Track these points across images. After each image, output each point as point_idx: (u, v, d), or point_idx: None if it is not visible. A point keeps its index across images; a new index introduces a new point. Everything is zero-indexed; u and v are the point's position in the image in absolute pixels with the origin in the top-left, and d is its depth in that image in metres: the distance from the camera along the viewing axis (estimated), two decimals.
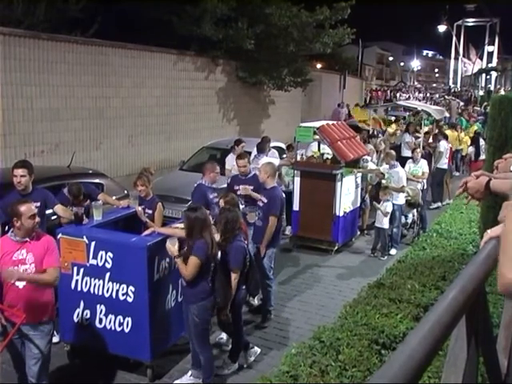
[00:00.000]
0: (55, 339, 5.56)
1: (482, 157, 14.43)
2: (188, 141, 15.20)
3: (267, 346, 6.19)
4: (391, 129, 17.65)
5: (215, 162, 8.13)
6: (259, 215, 6.95)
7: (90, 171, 9.15)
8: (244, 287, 5.66)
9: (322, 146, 10.44)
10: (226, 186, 8.17)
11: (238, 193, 7.47)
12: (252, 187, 7.37)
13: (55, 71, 11.50)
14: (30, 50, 10.93)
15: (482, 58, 56.58)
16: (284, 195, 7.36)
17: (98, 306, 5.40)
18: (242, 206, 7.42)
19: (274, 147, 11.14)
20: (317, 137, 10.00)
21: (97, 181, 8.37)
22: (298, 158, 10.00)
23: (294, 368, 3.85)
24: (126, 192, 8.28)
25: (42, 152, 11.24)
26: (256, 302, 7.09)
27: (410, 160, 10.99)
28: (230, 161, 9.66)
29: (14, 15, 12.20)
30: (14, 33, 10.69)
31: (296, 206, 9.61)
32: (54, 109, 11.49)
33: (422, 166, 10.77)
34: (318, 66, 28.45)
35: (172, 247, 5.02)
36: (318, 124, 10.13)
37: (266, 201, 6.85)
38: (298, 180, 9.56)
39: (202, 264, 4.94)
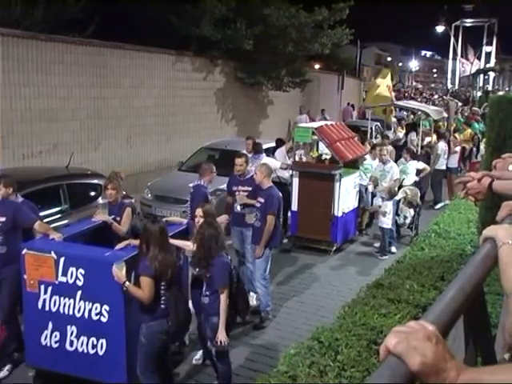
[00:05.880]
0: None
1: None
2: (186, 141, 15.20)
3: (265, 347, 6.19)
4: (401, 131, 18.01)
5: (212, 162, 8.16)
6: (257, 216, 6.95)
7: (89, 172, 9.16)
8: (233, 311, 5.23)
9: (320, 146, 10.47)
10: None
11: (236, 194, 7.46)
12: (250, 188, 7.37)
13: (53, 72, 11.49)
14: (29, 50, 10.93)
15: (480, 59, 56.58)
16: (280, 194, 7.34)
17: (69, 327, 5.00)
18: (239, 208, 7.43)
19: (269, 148, 11.14)
20: (315, 137, 10.01)
21: (95, 181, 8.38)
22: (297, 158, 10.01)
23: (293, 368, 3.84)
24: (124, 193, 8.28)
25: (41, 153, 11.23)
26: (255, 302, 7.09)
27: (402, 159, 11.23)
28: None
29: (12, 16, 12.20)
30: (13, 33, 10.69)
31: (294, 207, 9.62)
32: (52, 109, 11.48)
33: (412, 164, 11.12)
34: (317, 66, 28.43)
35: (119, 272, 4.61)
36: (316, 124, 10.15)
37: (263, 201, 6.86)
38: (296, 180, 9.56)
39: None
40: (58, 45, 11.64)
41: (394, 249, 9.73)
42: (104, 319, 4.88)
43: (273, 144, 11.57)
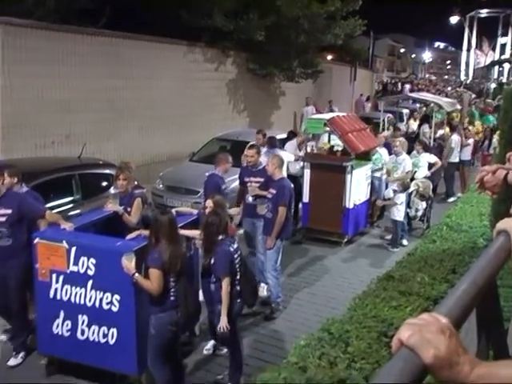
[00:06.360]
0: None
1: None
2: (198, 132, 15.19)
3: (276, 337, 6.21)
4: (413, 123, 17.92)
5: (227, 152, 8.19)
6: (269, 207, 6.95)
7: (101, 162, 9.19)
8: (239, 300, 5.23)
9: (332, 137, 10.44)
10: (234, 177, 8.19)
11: (248, 185, 7.47)
12: (262, 179, 7.37)
13: (66, 62, 11.52)
14: (42, 41, 10.96)
15: (494, 50, 56.01)
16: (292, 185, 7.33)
17: (80, 316, 5.05)
18: (251, 199, 7.43)
19: (280, 139, 11.11)
20: (327, 128, 9.98)
21: (107, 171, 8.41)
22: (309, 149, 10.00)
23: (303, 359, 3.85)
24: (136, 183, 8.29)
25: (53, 143, 11.29)
26: (265, 293, 7.10)
27: (414, 152, 11.10)
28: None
29: (25, 6, 12.22)
30: (25, 24, 10.72)
31: (306, 198, 9.60)
32: (64, 100, 11.52)
33: (424, 157, 11.01)
34: (329, 57, 28.28)
35: (129, 264, 4.62)
36: (328, 116, 10.11)
37: (274, 192, 6.86)
38: (307, 172, 9.54)
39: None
40: (71, 35, 11.66)
41: (405, 241, 9.71)
42: (115, 308, 4.91)
43: (284, 135, 11.54)
